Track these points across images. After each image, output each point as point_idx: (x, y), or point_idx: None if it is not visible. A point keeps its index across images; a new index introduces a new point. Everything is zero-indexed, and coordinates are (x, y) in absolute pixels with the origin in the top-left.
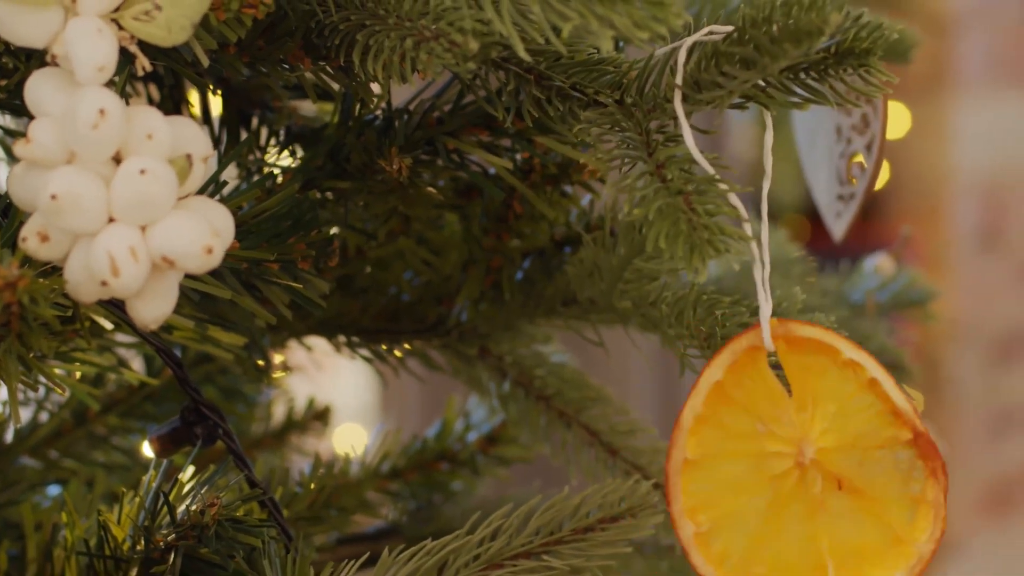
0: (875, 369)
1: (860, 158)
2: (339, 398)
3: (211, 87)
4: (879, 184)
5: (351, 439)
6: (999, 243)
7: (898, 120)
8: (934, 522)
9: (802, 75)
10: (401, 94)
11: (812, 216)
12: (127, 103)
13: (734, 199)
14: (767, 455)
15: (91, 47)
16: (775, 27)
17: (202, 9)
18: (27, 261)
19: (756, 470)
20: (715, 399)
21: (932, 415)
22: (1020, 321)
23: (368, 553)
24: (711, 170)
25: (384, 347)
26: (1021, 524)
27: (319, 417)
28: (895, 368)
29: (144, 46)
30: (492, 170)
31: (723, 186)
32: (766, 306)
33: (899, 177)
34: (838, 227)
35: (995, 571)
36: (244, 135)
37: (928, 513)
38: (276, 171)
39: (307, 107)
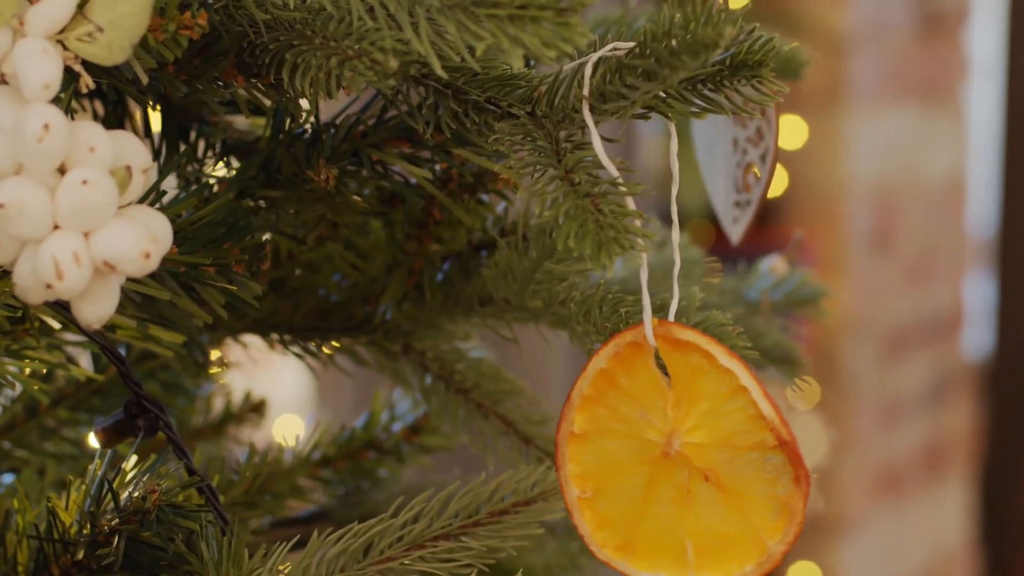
0: (746, 378)
1: (755, 168)
2: (279, 391)
3: (151, 103)
4: (776, 191)
5: (289, 429)
6: (889, 246)
7: (796, 132)
8: (789, 526)
9: (700, 86)
10: (328, 109)
11: (716, 221)
12: (72, 118)
13: (631, 201)
14: (645, 440)
15: (37, 66)
16: (674, 41)
17: (141, 31)
18: None
19: (636, 451)
20: (603, 383)
21: (829, 404)
22: (908, 317)
23: (299, 535)
24: (616, 173)
25: (314, 344)
26: (909, 504)
27: (255, 409)
28: (788, 361)
29: (87, 65)
30: (413, 180)
31: (626, 188)
32: (648, 307)
33: (797, 184)
34: (735, 231)
35: (886, 547)
36: (183, 148)
37: (786, 517)
38: (212, 181)
39: (241, 121)
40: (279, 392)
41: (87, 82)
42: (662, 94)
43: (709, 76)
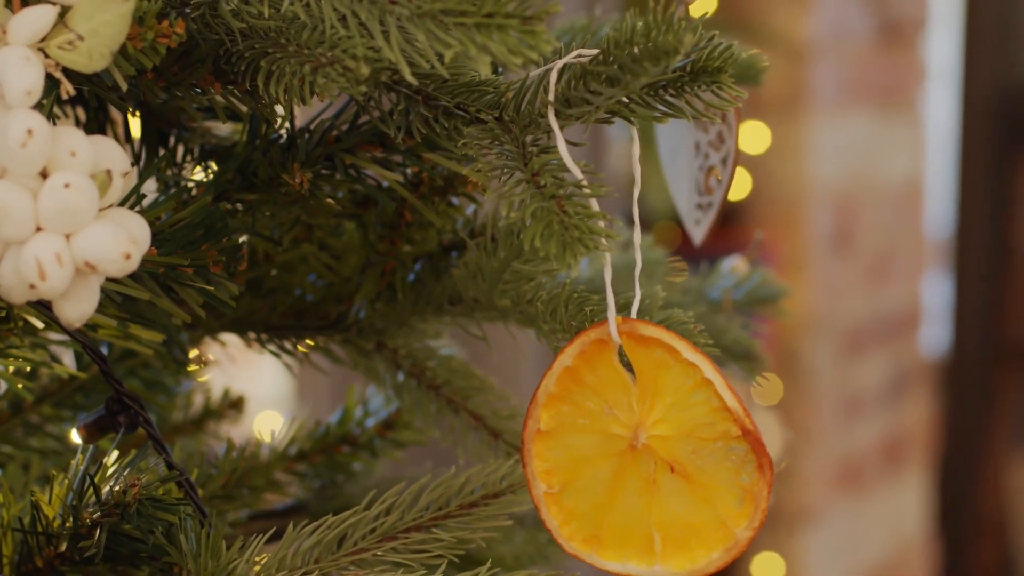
0: (710, 371)
1: (717, 171)
2: (260, 388)
3: (131, 109)
4: (739, 194)
5: (269, 425)
6: (849, 246)
7: (759, 137)
8: (755, 512)
9: (661, 91)
10: (303, 115)
11: (682, 223)
12: (54, 124)
13: (595, 203)
14: (611, 434)
15: (19, 73)
16: (636, 48)
17: (120, 39)
18: None
19: (601, 446)
20: (568, 381)
21: (791, 400)
22: (867, 316)
23: (276, 527)
24: (581, 176)
25: (290, 343)
26: (869, 496)
27: (234, 406)
28: (749, 358)
29: (69, 72)
30: (385, 183)
31: (590, 190)
32: (612, 304)
33: (760, 188)
34: (697, 233)
35: (846, 538)
36: (162, 152)
37: (751, 504)
38: (191, 185)
39: (219, 127)
40: (260, 389)
41: (68, 89)
42: (625, 99)
43: (670, 82)
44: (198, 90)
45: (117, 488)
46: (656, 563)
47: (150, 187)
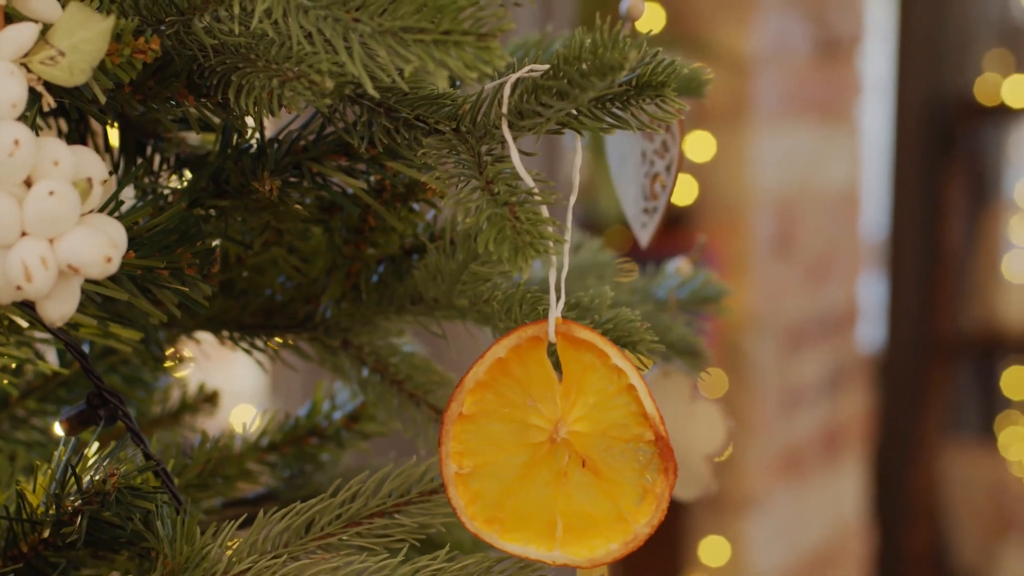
0: (634, 378)
1: (661, 178)
2: (236, 383)
3: (110, 120)
4: (686, 200)
5: (244, 418)
6: (790, 249)
7: (704, 146)
8: (655, 511)
9: (608, 105)
10: (272, 126)
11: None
12: (37, 135)
13: (546, 209)
14: (529, 425)
15: (4, 87)
16: (584, 64)
17: (99, 55)
18: None
19: (518, 435)
20: (497, 371)
21: (735, 394)
22: (807, 314)
23: (248, 514)
24: (533, 184)
25: (261, 340)
26: (809, 484)
27: (209, 400)
28: (693, 353)
29: (50, 86)
30: (350, 190)
31: (541, 197)
32: (555, 304)
33: (705, 194)
34: (644, 236)
35: (788, 522)
36: (139, 161)
37: (652, 503)
38: (166, 192)
39: (193, 137)
40: (234, 384)
41: (49, 102)
42: (574, 112)
43: (617, 95)
44: (173, 103)
45: (97, 478)
46: (556, 549)
47: (128, 194)
